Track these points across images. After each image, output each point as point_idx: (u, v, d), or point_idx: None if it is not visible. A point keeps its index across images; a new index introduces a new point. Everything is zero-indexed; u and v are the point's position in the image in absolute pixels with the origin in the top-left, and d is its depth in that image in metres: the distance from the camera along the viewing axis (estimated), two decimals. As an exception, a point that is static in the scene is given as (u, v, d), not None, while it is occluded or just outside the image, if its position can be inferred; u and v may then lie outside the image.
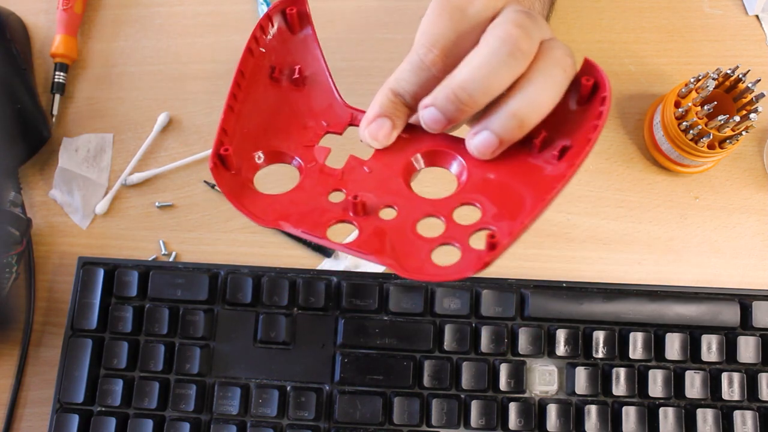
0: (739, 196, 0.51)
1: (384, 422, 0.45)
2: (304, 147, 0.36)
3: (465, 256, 0.31)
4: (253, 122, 0.35)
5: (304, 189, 0.34)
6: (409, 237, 0.33)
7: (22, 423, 0.48)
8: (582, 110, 0.33)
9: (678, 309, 0.46)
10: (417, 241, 0.32)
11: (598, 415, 0.45)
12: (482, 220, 0.33)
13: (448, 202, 0.34)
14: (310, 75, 0.37)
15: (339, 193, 0.34)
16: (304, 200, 0.34)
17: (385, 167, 0.35)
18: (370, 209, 0.33)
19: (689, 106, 0.46)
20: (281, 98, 0.36)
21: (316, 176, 0.35)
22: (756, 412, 0.45)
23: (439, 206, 0.33)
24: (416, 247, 0.32)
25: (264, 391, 0.45)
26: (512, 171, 0.34)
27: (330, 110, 0.37)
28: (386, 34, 0.55)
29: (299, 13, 0.36)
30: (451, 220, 0.33)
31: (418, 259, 0.32)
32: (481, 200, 0.33)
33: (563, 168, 0.32)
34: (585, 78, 0.32)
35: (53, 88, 0.53)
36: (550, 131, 0.33)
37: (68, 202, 0.51)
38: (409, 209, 0.33)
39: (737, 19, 0.55)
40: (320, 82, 0.37)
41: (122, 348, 0.45)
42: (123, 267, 0.47)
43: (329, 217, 0.33)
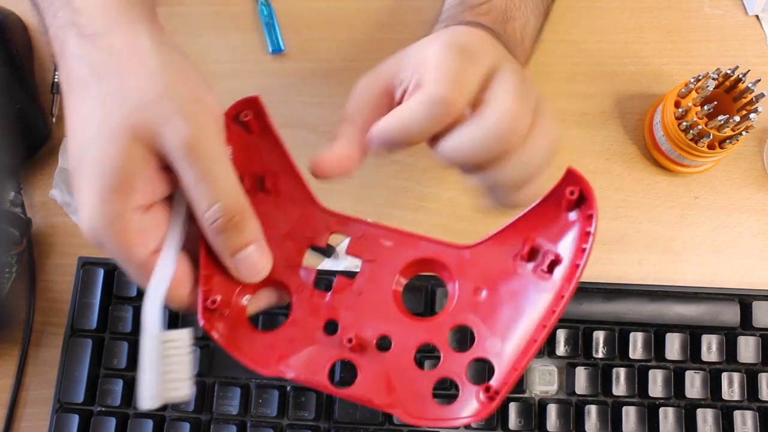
0: (739, 196, 0.51)
1: (384, 422, 0.45)
2: (287, 268, 0.35)
3: (464, 392, 0.32)
4: None
5: (298, 323, 0.34)
6: (409, 373, 0.33)
7: (22, 423, 0.48)
8: (567, 219, 0.32)
9: (678, 309, 0.46)
10: (417, 377, 0.33)
11: (598, 415, 0.45)
12: (477, 348, 0.33)
13: (441, 325, 0.33)
14: (281, 180, 0.35)
15: (333, 324, 0.34)
16: (300, 338, 0.34)
17: (375, 288, 0.34)
18: (366, 343, 0.33)
19: (689, 106, 0.46)
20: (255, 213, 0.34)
21: (307, 305, 0.34)
22: (756, 412, 0.45)
23: (433, 331, 0.33)
24: (417, 384, 0.33)
25: (264, 391, 0.45)
26: (502, 286, 0.33)
27: (308, 217, 0.35)
28: (386, 34, 0.55)
29: (256, 116, 0.34)
30: (447, 347, 0.33)
31: (420, 399, 0.32)
32: (473, 321, 0.33)
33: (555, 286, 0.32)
34: (569, 191, 0.31)
35: (53, 88, 0.53)
36: (536, 239, 0.32)
37: (68, 202, 0.51)
38: (404, 338, 0.33)
39: (737, 19, 0.55)
40: (293, 187, 0.35)
41: (122, 348, 0.45)
42: (123, 267, 0.47)
43: (327, 358, 0.33)
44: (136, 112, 0.31)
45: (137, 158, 0.31)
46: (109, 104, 0.31)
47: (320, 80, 0.54)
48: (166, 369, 0.32)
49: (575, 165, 0.51)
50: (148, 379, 0.31)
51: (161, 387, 0.32)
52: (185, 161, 0.31)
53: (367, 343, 0.33)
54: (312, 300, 0.34)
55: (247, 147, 0.34)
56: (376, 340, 0.33)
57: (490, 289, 0.33)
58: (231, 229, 0.32)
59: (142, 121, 0.31)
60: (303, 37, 0.55)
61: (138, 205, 0.32)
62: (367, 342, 0.33)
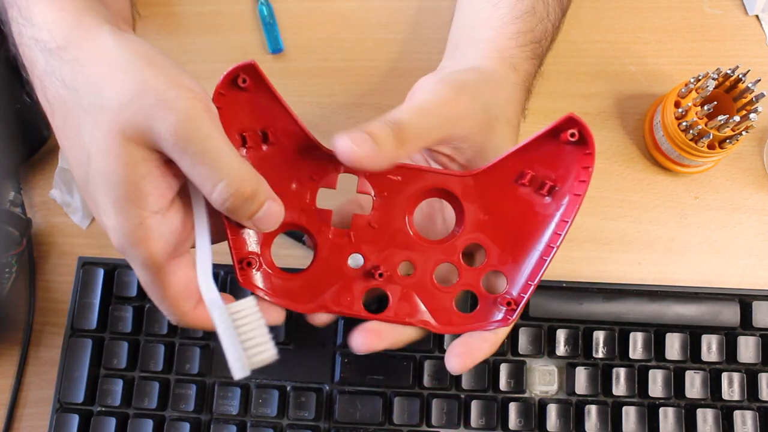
0: (739, 196, 0.51)
1: (384, 422, 0.45)
2: (302, 212, 0.36)
3: (484, 303, 0.36)
4: None
5: (324, 261, 0.36)
6: (432, 291, 0.36)
7: (22, 423, 0.48)
8: (566, 154, 0.35)
9: (678, 309, 0.46)
10: (439, 293, 0.36)
11: (598, 415, 0.45)
12: (488, 262, 0.36)
13: (455, 245, 0.36)
14: (281, 133, 0.35)
15: (357, 256, 0.36)
16: (329, 275, 0.36)
17: (390, 219, 0.36)
18: (391, 272, 0.36)
19: (689, 106, 0.46)
20: (262, 166, 0.35)
21: (330, 244, 0.36)
22: (756, 412, 0.45)
23: (448, 251, 0.36)
24: (440, 299, 0.36)
25: (264, 391, 0.45)
26: (505, 208, 0.36)
27: (316, 162, 0.36)
28: (386, 34, 0.55)
29: (253, 79, 0.34)
30: (461, 264, 0.36)
31: (445, 312, 0.36)
32: (482, 240, 0.36)
33: (556, 210, 0.35)
34: (570, 132, 0.33)
35: None
36: (536, 168, 0.35)
37: (68, 202, 0.51)
38: (424, 260, 0.36)
39: (737, 19, 0.55)
40: (295, 136, 0.35)
41: (122, 348, 0.45)
42: (123, 267, 0.47)
43: (359, 290, 0.36)
44: (120, 114, 0.30)
45: (138, 161, 0.31)
46: (93, 114, 0.31)
47: (320, 80, 0.54)
48: (244, 338, 0.33)
49: (575, 165, 0.52)
50: (232, 351, 0.33)
51: (245, 355, 0.33)
52: (178, 150, 0.30)
53: (392, 271, 0.36)
54: (333, 239, 0.36)
55: (246, 105, 0.35)
56: (399, 266, 0.36)
57: (494, 212, 0.36)
58: (242, 204, 0.32)
59: (128, 121, 0.30)
60: (303, 37, 0.55)
61: (156, 209, 0.31)
62: (391, 270, 0.36)
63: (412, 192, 0.36)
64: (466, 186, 0.36)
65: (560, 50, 0.53)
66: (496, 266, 0.36)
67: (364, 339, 0.35)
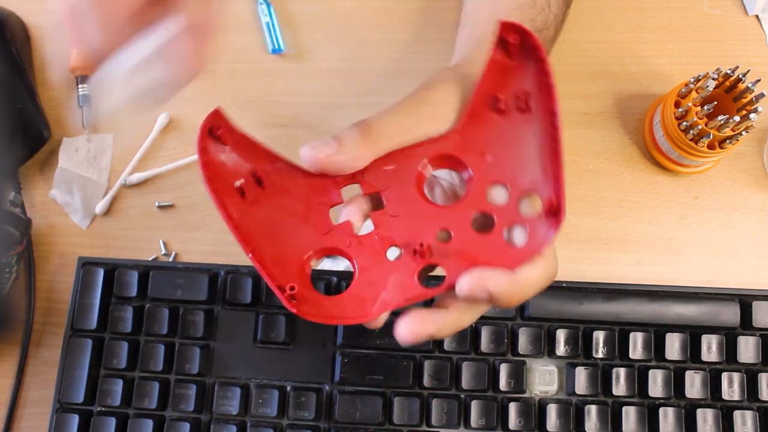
0: (739, 196, 0.51)
1: (384, 422, 0.45)
2: (325, 235, 0.36)
3: (531, 225, 0.34)
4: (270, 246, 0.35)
5: (366, 268, 0.35)
6: (478, 243, 0.35)
7: (22, 423, 0.48)
8: (521, 65, 0.35)
9: (678, 309, 0.46)
10: (485, 240, 0.34)
11: (598, 415, 0.45)
12: (514, 192, 0.35)
13: (476, 195, 0.35)
14: (271, 171, 0.36)
15: (394, 249, 0.35)
16: (377, 276, 0.35)
17: (406, 204, 0.35)
18: (432, 244, 0.35)
19: (689, 106, 0.46)
20: (270, 209, 0.35)
21: (364, 250, 0.35)
22: (756, 412, 0.45)
23: (473, 203, 0.35)
24: (489, 245, 0.34)
25: (264, 391, 0.45)
26: (499, 141, 0.36)
27: (314, 187, 0.36)
28: (386, 34, 0.55)
29: (226, 129, 0.35)
30: (492, 207, 0.35)
31: (500, 252, 0.34)
32: (498, 177, 0.35)
33: (541, 114, 0.35)
34: (511, 39, 0.34)
35: (80, 100, 0.53)
36: (504, 91, 0.35)
37: (68, 202, 0.51)
38: (456, 222, 0.35)
39: (737, 19, 0.55)
40: (283, 170, 0.36)
41: (122, 348, 0.45)
42: (123, 267, 0.47)
43: (410, 274, 0.34)
44: None
45: None
46: None
47: (320, 80, 0.54)
48: None
49: (575, 165, 0.52)
50: None
51: None
52: None
53: (433, 243, 0.35)
54: (364, 244, 0.35)
55: (229, 156, 0.35)
56: (437, 237, 0.35)
57: (494, 149, 0.35)
58: None
59: None
60: (303, 37, 0.55)
61: None
62: (432, 243, 0.35)
63: (412, 172, 0.36)
64: (456, 143, 0.36)
65: (560, 50, 0.53)
66: (527, 188, 0.35)
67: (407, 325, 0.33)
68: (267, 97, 0.54)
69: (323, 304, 0.35)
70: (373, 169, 0.35)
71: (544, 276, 0.33)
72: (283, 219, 0.35)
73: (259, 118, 0.53)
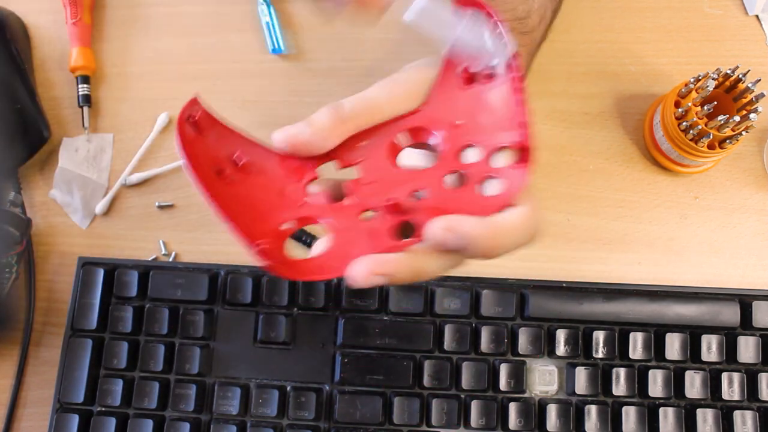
0: (739, 196, 0.51)
1: (384, 422, 0.45)
2: (300, 207, 0.36)
3: (504, 178, 0.34)
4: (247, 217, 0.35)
5: (341, 230, 0.35)
6: (452, 198, 0.35)
7: (22, 423, 0.48)
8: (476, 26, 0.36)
9: (678, 309, 0.46)
10: (457, 196, 0.35)
11: (598, 415, 0.45)
12: (486, 148, 0.35)
13: (448, 157, 0.36)
14: (249, 155, 0.37)
15: (369, 213, 0.35)
16: (352, 237, 0.35)
17: (379, 171, 0.36)
18: (405, 204, 0.35)
19: (689, 106, 0.46)
20: (248, 190, 0.36)
21: (338, 216, 0.36)
22: (756, 412, 0.45)
23: (444, 165, 0.36)
24: (463, 198, 0.34)
25: (264, 391, 0.45)
26: (469, 109, 0.36)
27: (290, 166, 0.37)
28: (386, 34, 0.55)
29: (203, 115, 0.36)
30: (464, 165, 0.35)
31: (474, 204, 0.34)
32: (469, 139, 0.36)
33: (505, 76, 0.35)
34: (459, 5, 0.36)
35: (80, 100, 0.53)
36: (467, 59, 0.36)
37: (68, 202, 0.51)
38: (428, 182, 0.35)
39: (737, 19, 0.55)
40: (257, 153, 0.37)
41: (122, 348, 0.45)
42: (123, 267, 0.47)
43: (384, 233, 0.34)
44: None
45: None
46: None
47: (320, 80, 0.54)
48: None
49: (575, 165, 0.52)
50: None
51: None
52: None
53: (405, 202, 0.35)
54: (338, 211, 0.36)
55: (206, 141, 0.36)
56: (409, 196, 0.35)
57: (463, 117, 0.36)
58: None
59: None
60: (303, 37, 0.55)
61: None
62: (405, 202, 0.35)
63: (385, 145, 0.36)
64: (427, 115, 0.36)
65: (560, 50, 0.53)
66: (494, 146, 0.35)
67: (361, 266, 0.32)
68: (267, 97, 0.54)
69: (297, 263, 0.35)
70: (348, 145, 0.36)
71: (523, 225, 0.32)
72: (260, 196, 0.35)
73: (259, 118, 0.53)
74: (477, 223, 0.31)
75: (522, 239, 0.32)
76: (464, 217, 0.32)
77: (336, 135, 0.35)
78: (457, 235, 0.31)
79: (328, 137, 0.35)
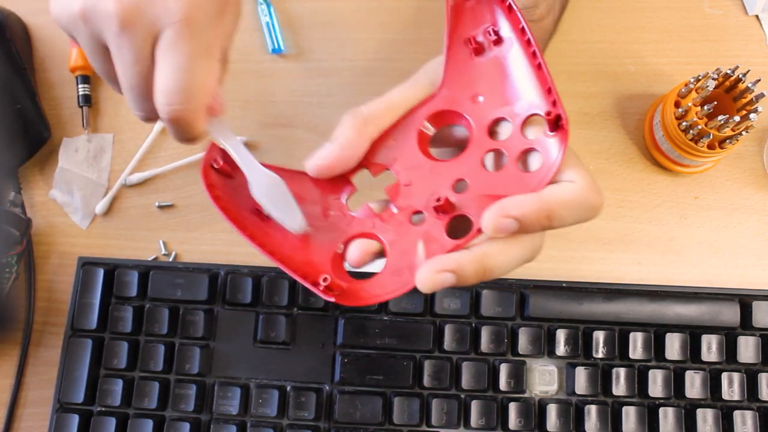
0: (739, 196, 0.51)
1: (384, 422, 0.45)
2: (348, 227, 0.36)
3: (542, 150, 0.33)
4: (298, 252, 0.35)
5: (395, 241, 0.35)
6: (496, 181, 0.34)
7: (22, 423, 0.48)
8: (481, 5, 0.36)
9: (678, 309, 0.46)
10: (501, 178, 0.34)
11: (598, 415, 0.45)
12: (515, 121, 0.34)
13: (480, 139, 0.35)
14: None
15: (417, 216, 0.35)
16: (408, 245, 0.34)
17: (415, 171, 0.35)
18: (452, 197, 0.34)
19: (689, 106, 0.46)
20: None
21: (388, 227, 0.35)
22: (756, 412, 0.45)
23: (479, 146, 0.35)
24: (507, 179, 0.33)
25: (264, 391, 0.45)
26: (485, 82, 0.35)
27: (324, 187, 0.37)
28: (386, 34, 0.55)
29: (227, 160, 0.36)
30: (500, 142, 0.34)
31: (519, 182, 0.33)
32: (495, 114, 0.35)
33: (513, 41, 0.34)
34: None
35: (80, 101, 0.53)
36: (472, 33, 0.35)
37: (68, 202, 0.51)
38: (468, 169, 0.34)
39: (737, 19, 0.55)
40: (294, 181, 0.36)
41: (122, 348, 0.45)
42: (123, 267, 0.47)
43: (440, 231, 0.34)
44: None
45: None
46: None
47: (320, 80, 0.54)
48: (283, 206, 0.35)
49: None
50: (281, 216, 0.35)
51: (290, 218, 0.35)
52: None
53: (451, 196, 0.34)
54: (387, 220, 0.35)
55: (236, 185, 0.36)
56: (454, 189, 0.34)
57: (481, 91, 0.35)
58: None
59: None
60: (303, 37, 0.55)
61: None
62: (450, 195, 0.34)
63: (412, 138, 0.36)
64: (446, 97, 0.36)
65: (560, 50, 0.53)
66: (523, 117, 0.34)
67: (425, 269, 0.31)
68: (267, 97, 0.54)
69: (362, 287, 0.34)
70: (376, 149, 0.36)
71: (579, 195, 0.31)
72: (315, 224, 0.35)
73: (259, 118, 0.53)
74: (530, 200, 0.31)
75: (583, 210, 0.31)
76: (515, 198, 0.31)
77: (362, 141, 0.35)
78: (514, 219, 0.30)
79: (356, 145, 0.34)
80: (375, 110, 0.35)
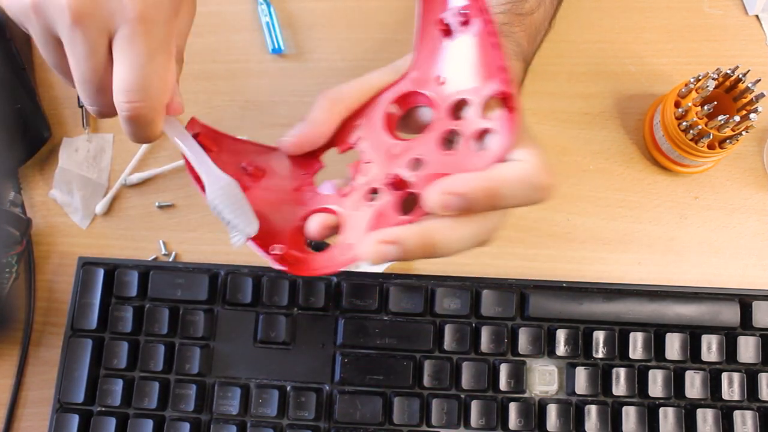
0: (739, 196, 0.51)
1: (384, 422, 0.45)
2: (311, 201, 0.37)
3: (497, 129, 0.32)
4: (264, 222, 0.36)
5: (351, 216, 0.35)
6: (449, 160, 0.34)
7: (22, 423, 0.48)
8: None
9: (678, 309, 0.46)
10: (453, 157, 0.33)
11: (598, 415, 0.45)
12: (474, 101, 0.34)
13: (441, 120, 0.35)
14: (255, 160, 0.38)
15: (375, 193, 0.35)
16: (362, 220, 0.35)
17: (378, 147, 0.36)
18: (406, 175, 0.34)
19: (689, 106, 0.46)
20: (264, 194, 0.37)
21: (346, 202, 0.36)
22: (756, 412, 0.45)
23: (437, 126, 0.35)
24: (459, 159, 0.33)
25: (264, 391, 0.45)
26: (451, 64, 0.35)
27: (296, 163, 0.38)
28: (386, 34, 0.55)
29: (204, 131, 0.37)
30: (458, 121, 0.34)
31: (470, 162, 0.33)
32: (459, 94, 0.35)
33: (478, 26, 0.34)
34: None
35: (80, 100, 0.53)
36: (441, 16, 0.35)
37: (68, 202, 0.51)
38: (425, 149, 0.34)
39: (737, 19, 0.55)
40: (268, 157, 0.38)
41: (122, 348, 0.45)
42: (123, 267, 0.47)
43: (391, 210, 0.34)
44: None
45: None
46: None
47: (320, 80, 0.54)
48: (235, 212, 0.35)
49: (575, 165, 0.52)
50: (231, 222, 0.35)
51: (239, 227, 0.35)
52: None
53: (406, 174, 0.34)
54: (346, 196, 0.36)
55: (213, 158, 0.36)
56: (411, 168, 0.34)
57: (446, 72, 0.35)
58: None
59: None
60: (303, 37, 0.55)
61: None
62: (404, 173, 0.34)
63: (379, 118, 0.37)
64: (413, 78, 0.36)
65: (560, 50, 0.53)
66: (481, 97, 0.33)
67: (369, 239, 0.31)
68: (267, 97, 0.54)
69: (315, 258, 0.35)
70: (347, 129, 0.37)
71: (527, 174, 0.31)
72: (273, 197, 0.36)
73: (259, 118, 0.53)
74: (473, 178, 0.30)
75: (531, 190, 0.31)
76: (461, 175, 0.31)
77: (331, 121, 0.36)
78: (458, 195, 0.30)
79: (324, 124, 0.36)
80: (346, 91, 0.36)
